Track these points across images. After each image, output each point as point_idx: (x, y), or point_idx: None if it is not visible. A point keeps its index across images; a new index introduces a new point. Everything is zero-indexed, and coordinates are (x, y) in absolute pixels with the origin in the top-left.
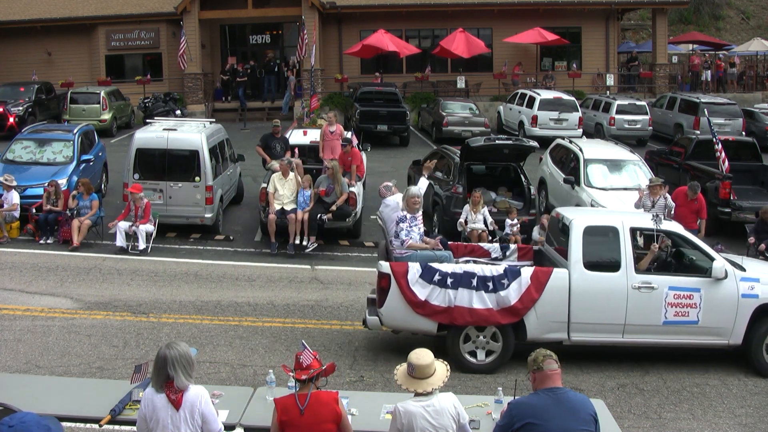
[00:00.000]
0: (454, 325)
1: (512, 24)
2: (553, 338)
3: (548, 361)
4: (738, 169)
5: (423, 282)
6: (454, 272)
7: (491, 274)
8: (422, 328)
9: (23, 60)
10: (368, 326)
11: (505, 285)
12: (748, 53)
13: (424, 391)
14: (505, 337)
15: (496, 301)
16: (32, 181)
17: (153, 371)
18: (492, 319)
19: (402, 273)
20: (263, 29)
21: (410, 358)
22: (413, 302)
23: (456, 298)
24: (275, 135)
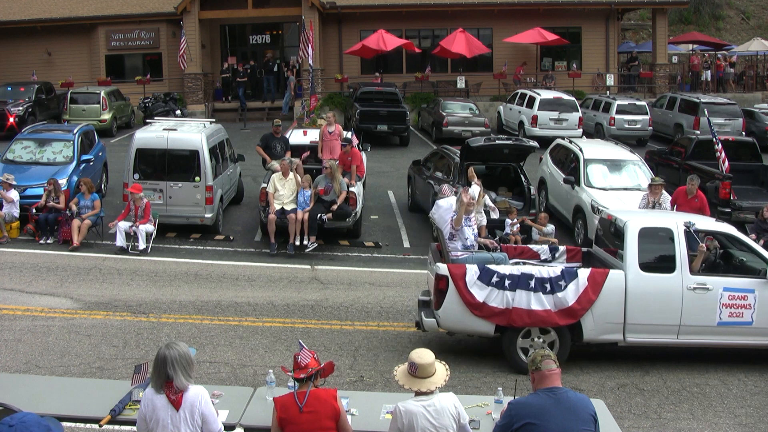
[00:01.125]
0: (511, 327)
1: (512, 24)
2: (608, 339)
3: (546, 362)
4: (738, 169)
5: (481, 284)
6: (512, 274)
7: (549, 276)
8: (479, 330)
9: (23, 60)
10: (424, 328)
11: (563, 286)
12: (748, 53)
13: (427, 390)
14: (562, 338)
15: (554, 303)
16: (32, 181)
17: (153, 371)
18: (550, 321)
19: (460, 275)
20: (263, 29)
21: (412, 357)
22: (471, 304)
23: (514, 300)
24: (275, 135)
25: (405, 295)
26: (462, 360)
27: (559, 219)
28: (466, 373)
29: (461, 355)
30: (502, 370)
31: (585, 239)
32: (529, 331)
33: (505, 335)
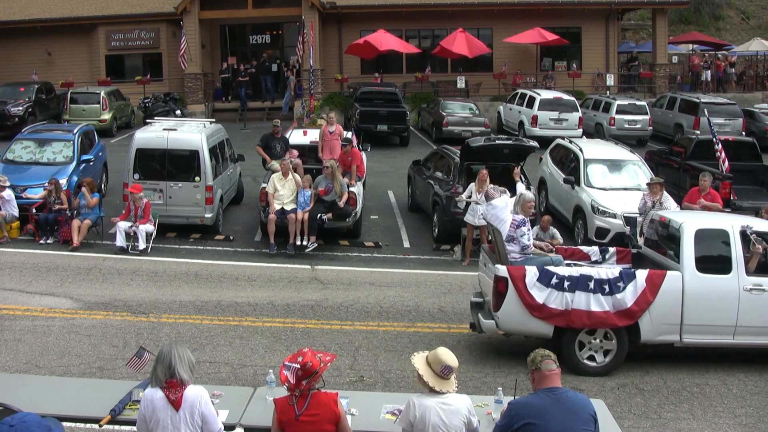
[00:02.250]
0: (570, 328)
1: (512, 24)
2: (665, 340)
3: (546, 362)
4: (738, 169)
5: (540, 285)
6: (571, 275)
7: (607, 277)
8: (538, 332)
9: (23, 60)
10: (482, 330)
11: (621, 288)
12: (748, 53)
13: (448, 391)
14: (620, 339)
15: (613, 304)
16: (32, 181)
17: (155, 366)
18: (609, 322)
19: (520, 276)
20: (263, 29)
21: (445, 360)
22: (531, 305)
23: (573, 301)
24: (275, 135)
25: (405, 295)
26: (462, 360)
27: (559, 219)
28: (466, 373)
29: (461, 355)
30: (502, 370)
31: (585, 239)
32: (587, 333)
33: (564, 336)
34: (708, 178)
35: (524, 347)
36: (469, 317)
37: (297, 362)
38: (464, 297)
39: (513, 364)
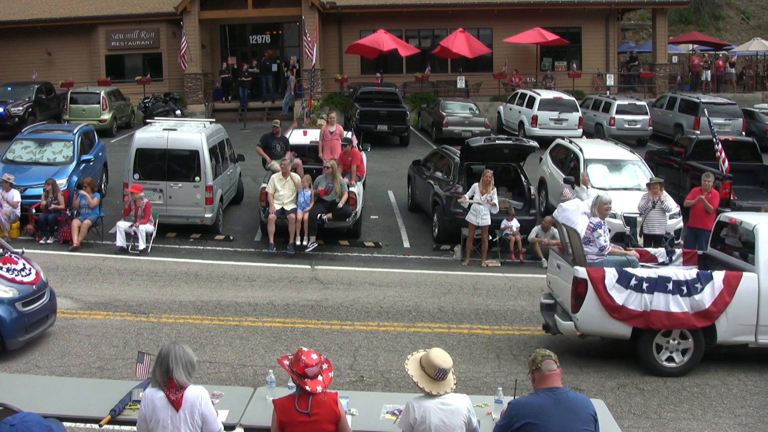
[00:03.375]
0: (648, 329)
1: (512, 24)
2: (740, 341)
3: (547, 362)
4: (738, 169)
5: (619, 287)
6: (650, 277)
7: (685, 278)
8: (616, 333)
9: (23, 60)
10: (558, 331)
11: (699, 289)
12: (748, 53)
13: (444, 392)
14: (697, 340)
15: (691, 305)
16: (32, 181)
17: (154, 367)
18: (688, 323)
19: (599, 278)
20: (263, 29)
21: (438, 363)
22: (610, 307)
23: (652, 302)
24: (275, 135)
25: (405, 295)
26: (462, 360)
27: None
28: (466, 373)
29: (461, 355)
30: (502, 370)
31: None
32: (664, 334)
33: (642, 337)
34: (710, 178)
35: (524, 347)
36: (469, 318)
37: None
38: (464, 297)
39: (513, 364)
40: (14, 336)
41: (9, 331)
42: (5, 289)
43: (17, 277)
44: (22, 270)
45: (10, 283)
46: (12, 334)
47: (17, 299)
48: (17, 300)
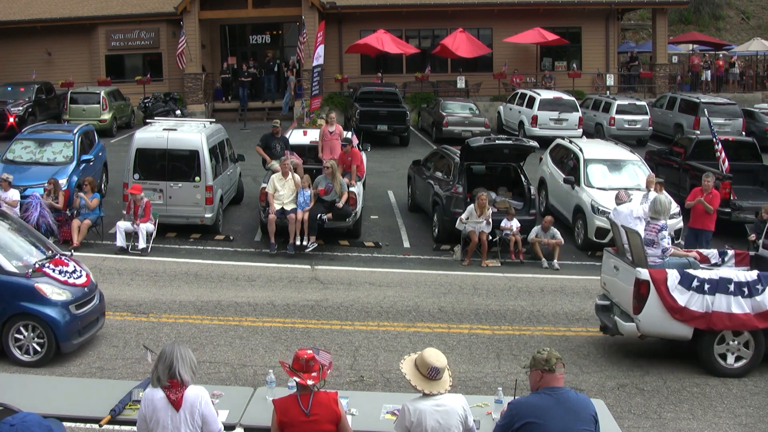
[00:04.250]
0: (710, 331)
1: (512, 24)
2: None
3: (559, 365)
4: (738, 169)
5: (681, 288)
6: (711, 278)
7: (746, 280)
8: (678, 334)
9: (23, 60)
10: (618, 332)
11: (760, 290)
12: (748, 53)
13: (439, 392)
14: (757, 341)
15: (752, 306)
16: (32, 181)
17: (156, 366)
18: (749, 324)
19: (662, 280)
20: (263, 29)
21: (431, 362)
22: (673, 308)
23: (713, 304)
24: (275, 135)
25: (405, 295)
26: (462, 360)
27: (559, 219)
28: (466, 373)
29: (461, 355)
30: (502, 370)
31: (585, 239)
32: (725, 335)
33: (703, 339)
34: (711, 178)
35: (524, 347)
36: (469, 318)
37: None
38: (464, 297)
39: (513, 364)
40: (68, 339)
41: (63, 334)
42: (58, 291)
43: (69, 279)
44: (73, 272)
45: (63, 285)
46: (66, 337)
47: (71, 302)
48: (71, 303)
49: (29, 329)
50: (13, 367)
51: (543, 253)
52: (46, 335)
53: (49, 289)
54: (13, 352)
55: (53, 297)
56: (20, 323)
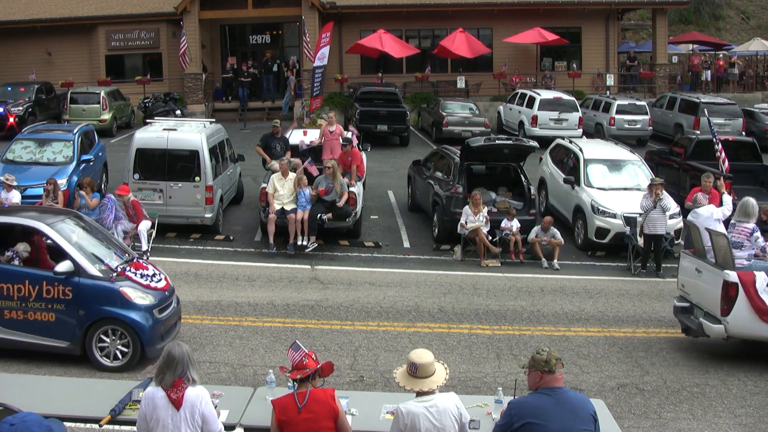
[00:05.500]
0: None
1: (512, 24)
2: None
3: (559, 365)
4: (738, 169)
5: None
6: None
7: None
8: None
9: (23, 60)
10: (705, 334)
11: None
12: (748, 53)
13: (429, 390)
14: None
15: None
16: (32, 181)
17: (163, 368)
18: None
19: (751, 282)
20: (263, 29)
21: (411, 358)
22: (762, 310)
23: None
24: (275, 135)
25: (405, 295)
26: (462, 360)
27: (559, 219)
28: (466, 373)
29: (461, 355)
30: (502, 370)
31: (585, 239)
32: None
33: None
34: (710, 178)
35: (524, 347)
36: (469, 318)
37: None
38: (464, 297)
39: (513, 364)
40: (153, 344)
41: (148, 338)
42: (142, 296)
43: (151, 283)
44: (153, 276)
45: (146, 289)
46: (151, 341)
47: (154, 306)
48: (154, 307)
49: (113, 334)
50: (12, 367)
51: (543, 253)
52: (131, 340)
53: (133, 293)
54: (97, 357)
55: (138, 301)
56: (104, 328)
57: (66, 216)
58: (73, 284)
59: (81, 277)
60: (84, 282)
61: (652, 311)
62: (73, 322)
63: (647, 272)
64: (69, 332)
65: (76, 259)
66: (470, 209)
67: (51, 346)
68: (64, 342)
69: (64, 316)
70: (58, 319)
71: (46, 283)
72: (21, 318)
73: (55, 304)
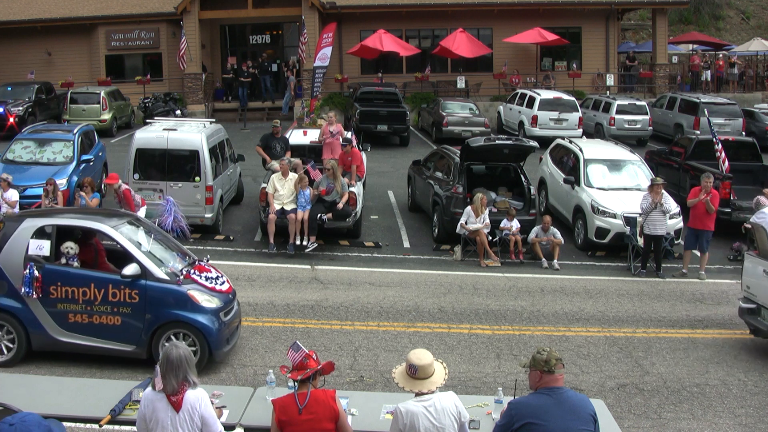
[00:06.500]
0: None
1: (512, 24)
2: None
3: (559, 366)
4: (738, 169)
5: None
6: None
7: None
8: None
9: (23, 60)
10: None
11: None
12: (748, 53)
13: (428, 390)
14: None
15: None
16: (32, 181)
17: (166, 373)
18: None
19: None
20: (263, 29)
21: (411, 359)
22: None
23: None
24: (275, 135)
25: (405, 295)
26: (462, 360)
27: (559, 219)
28: (466, 373)
29: (461, 355)
30: (502, 370)
31: (585, 239)
32: None
33: None
34: (710, 178)
35: (524, 347)
36: (469, 318)
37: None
38: (464, 297)
39: (513, 364)
40: (220, 347)
41: (216, 341)
42: (208, 299)
43: (216, 285)
44: (217, 278)
45: (211, 292)
46: (219, 345)
47: (220, 309)
48: (220, 310)
49: (180, 338)
50: (13, 367)
51: (543, 253)
52: (199, 344)
53: (200, 297)
54: None
55: (205, 304)
56: (171, 332)
57: (127, 218)
58: (140, 287)
59: (148, 280)
60: (151, 285)
61: (652, 311)
62: (140, 326)
63: (647, 272)
64: (135, 336)
65: (143, 262)
66: (472, 210)
67: (116, 350)
68: (129, 346)
69: (130, 319)
70: (123, 323)
71: (112, 286)
72: (86, 322)
73: (121, 308)
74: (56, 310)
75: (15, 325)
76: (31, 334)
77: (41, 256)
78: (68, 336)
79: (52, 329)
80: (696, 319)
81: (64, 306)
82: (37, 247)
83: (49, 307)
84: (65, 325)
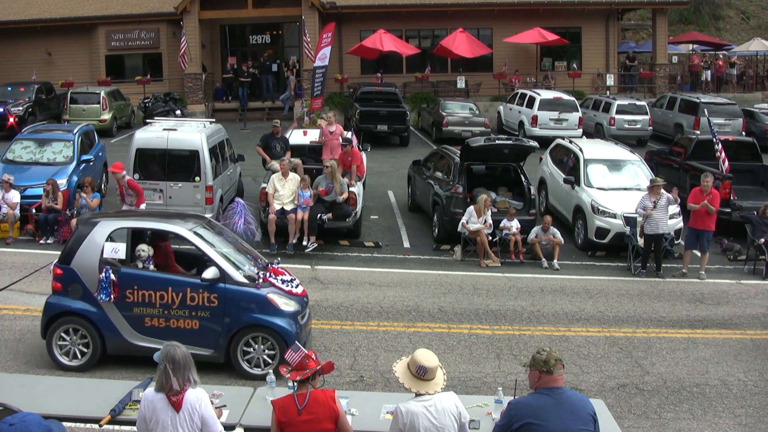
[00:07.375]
0: None
1: (512, 24)
2: None
3: (559, 366)
4: (738, 169)
5: None
6: None
7: None
8: None
9: (23, 60)
10: None
11: None
12: (748, 53)
13: (434, 392)
14: None
15: None
16: (32, 181)
17: (171, 372)
18: None
19: None
20: (263, 29)
21: (419, 360)
22: None
23: None
24: (275, 135)
25: (405, 295)
26: (462, 360)
27: (559, 219)
28: (466, 373)
29: (461, 355)
30: (502, 370)
31: (585, 239)
32: None
33: None
34: (710, 178)
35: (524, 347)
36: (469, 318)
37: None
38: (464, 297)
39: (513, 364)
40: None
41: None
42: (286, 302)
43: (292, 289)
44: (291, 281)
45: (289, 295)
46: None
47: (297, 312)
48: (297, 313)
49: (260, 342)
50: (13, 367)
51: (543, 253)
52: (278, 347)
53: (279, 300)
54: (243, 365)
55: (283, 308)
56: (250, 335)
57: (201, 221)
58: (218, 291)
59: (227, 283)
60: (230, 289)
61: (652, 311)
62: (218, 330)
63: (647, 272)
64: (213, 340)
65: (222, 266)
66: (475, 211)
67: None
68: (207, 350)
69: (208, 323)
70: (201, 327)
71: (191, 290)
72: (163, 326)
73: (199, 312)
74: (132, 314)
75: (90, 329)
76: (106, 339)
77: (116, 259)
78: (144, 340)
79: (128, 333)
80: (696, 319)
81: (140, 310)
82: (113, 250)
83: (125, 311)
84: (141, 329)
